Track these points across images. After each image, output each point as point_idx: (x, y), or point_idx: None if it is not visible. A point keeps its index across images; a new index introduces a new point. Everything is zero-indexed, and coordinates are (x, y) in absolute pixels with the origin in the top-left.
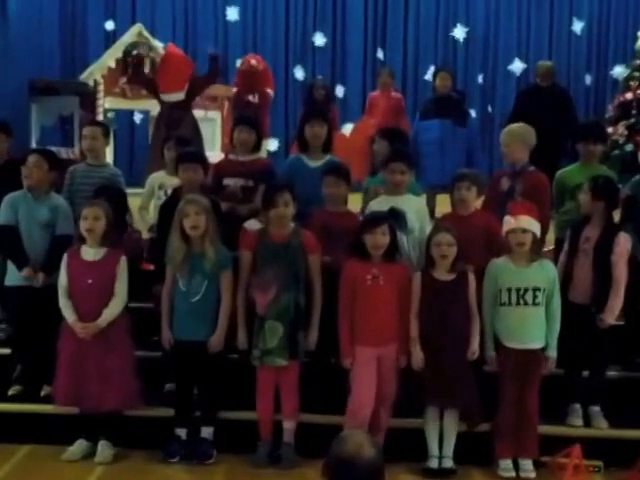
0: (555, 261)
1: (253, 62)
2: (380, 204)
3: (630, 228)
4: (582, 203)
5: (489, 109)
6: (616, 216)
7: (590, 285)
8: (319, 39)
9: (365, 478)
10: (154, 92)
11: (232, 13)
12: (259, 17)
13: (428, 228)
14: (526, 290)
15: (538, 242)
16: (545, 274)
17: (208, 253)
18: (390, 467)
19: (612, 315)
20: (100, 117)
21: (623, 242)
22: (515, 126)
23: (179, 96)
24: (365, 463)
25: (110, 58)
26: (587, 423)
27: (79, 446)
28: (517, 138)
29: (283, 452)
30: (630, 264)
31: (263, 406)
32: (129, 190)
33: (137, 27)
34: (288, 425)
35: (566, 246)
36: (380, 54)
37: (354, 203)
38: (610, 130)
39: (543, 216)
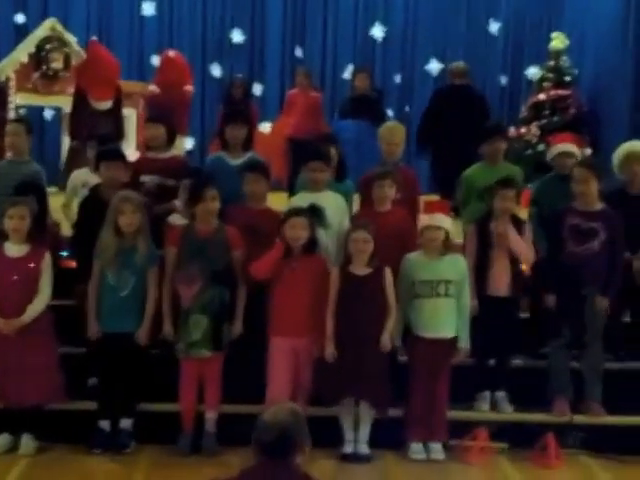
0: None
1: (171, 54)
2: (300, 200)
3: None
4: None
5: (406, 109)
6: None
7: (506, 277)
8: (237, 36)
9: (275, 439)
10: (82, 96)
11: (148, 8)
12: (175, 13)
13: (347, 224)
14: (438, 282)
15: (449, 237)
16: (456, 267)
17: (140, 249)
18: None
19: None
20: (12, 114)
21: (528, 232)
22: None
23: (107, 104)
24: (277, 425)
25: (22, 53)
26: (494, 408)
27: (2, 440)
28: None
29: (205, 442)
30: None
31: (186, 397)
32: None
33: (50, 21)
34: (210, 415)
35: (475, 243)
36: (299, 52)
37: (275, 201)
38: (523, 130)
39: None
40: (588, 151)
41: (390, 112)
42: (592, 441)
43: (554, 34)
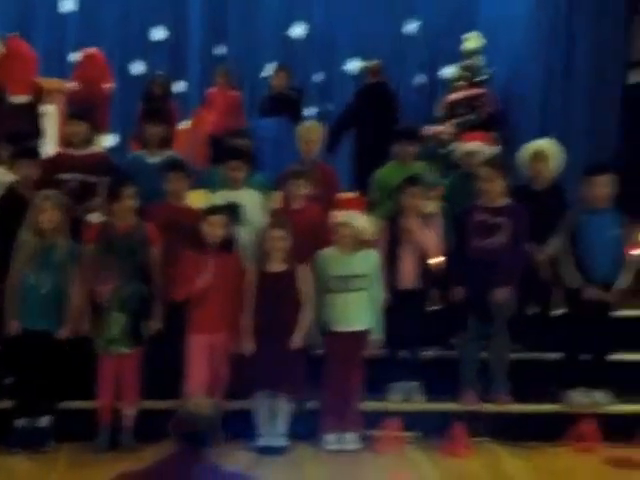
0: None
1: (91, 51)
2: (219, 198)
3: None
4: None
5: (328, 107)
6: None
7: (415, 271)
8: (158, 33)
9: (202, 431)
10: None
11: (67, 4)
12: (95, 9)
13: (264, 221)
14: (351, 277)
15: (362, 233)
16: (368, 262)
17: (60, 247)
18: (225, 446)
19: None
20: None
21: (437, 228)
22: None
23: (24, 99)
24: (198, 417)
25: None
26: (406, 398)
27: None
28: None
29: (123, 438)
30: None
31: (104, 393)
32: None
33: None
34: (128, 411)
35: (385, 239)
36: (220, 50)
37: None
38: (440, 128)
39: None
40: (496, 149)
41: (312, 110)
42: (500, 429)
43: (469, 34)
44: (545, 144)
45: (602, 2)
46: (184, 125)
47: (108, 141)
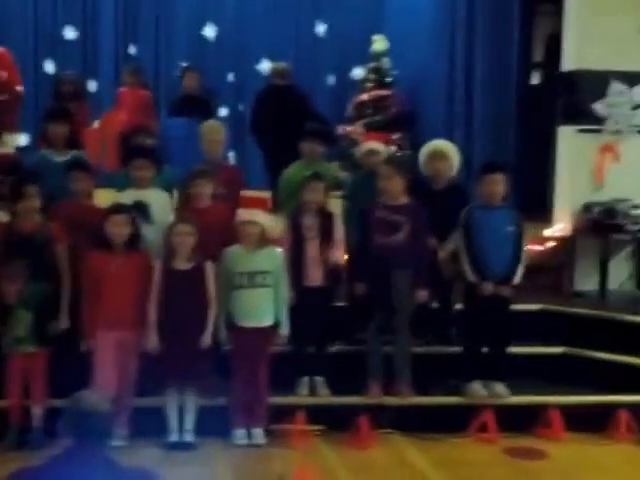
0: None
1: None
2: (126, 197)
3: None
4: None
5: (240, 107)
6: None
7: (319, 268)
8: (69, 32)
9: (99, 427)
10: None
11: None
12: (6, 8)
13: (172, 218)
14: (256, 273)
15: (266, 231)
16: (272, 259)
17: None
18: (134, 443)
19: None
20: None
21: (339, 226)
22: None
23: None
24: (99, 415)
25: None
26: (312, 392)
27: None
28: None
29: (32, 436)
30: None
31: (12, 392)
32: None
33: None
34: (37, 410)
35: (290, 236)
36: (132, 50)
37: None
38: (349, 129)
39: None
40: (394, 149)
41: (224, 111)
42: (403, 421)
43: (375, 36)
44: (442, 144)
45: (502, 4)
46: (96, 125)
47: (19, 141)
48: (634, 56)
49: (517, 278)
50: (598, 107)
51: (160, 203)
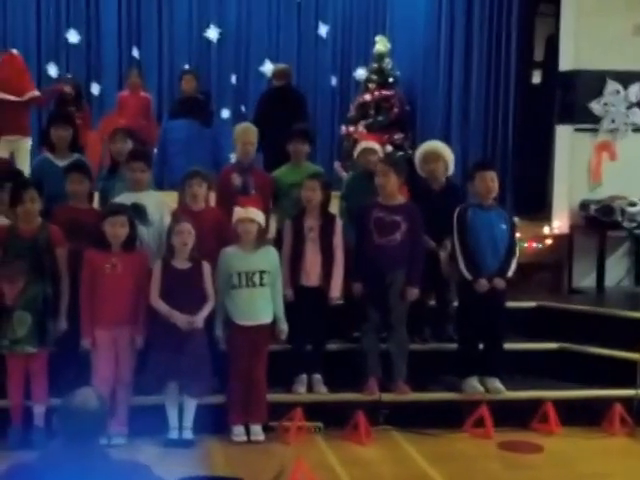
0: (277, 248)
1: (13, 52)
2: (124, 200)
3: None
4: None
5: (242, 109)
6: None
7: (319, 268)
8: (73, 36)
9: (90, 425)
10: None
11: None
12: (9, 11)
13: (167, 220)
14: (254, 273)
15: (263, 231)
16: (269, 258)
17: None
18: (134, 440)
19: (338, 290)
20: None
21: (339, 228)
22: (246, 125)
23: None
24: (90, 412)
25: None
26: (310, 390)
27: None
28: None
29: (34, 436)
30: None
31: (13, 392)
32: None
33: None
34: (38, 409)
35: (290, 237)
36: (135, 53)
37: None
38: (351, 129)
39: (267, 208)
40: (389, 148)
41: (227, 112)
42: (399, 417)
43: (377, 37)
44: (435, 145)
45: (502, 4)
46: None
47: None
48: (630, 56)
49: (511, 271)
50: (594, 106)
51: (156, 205)
